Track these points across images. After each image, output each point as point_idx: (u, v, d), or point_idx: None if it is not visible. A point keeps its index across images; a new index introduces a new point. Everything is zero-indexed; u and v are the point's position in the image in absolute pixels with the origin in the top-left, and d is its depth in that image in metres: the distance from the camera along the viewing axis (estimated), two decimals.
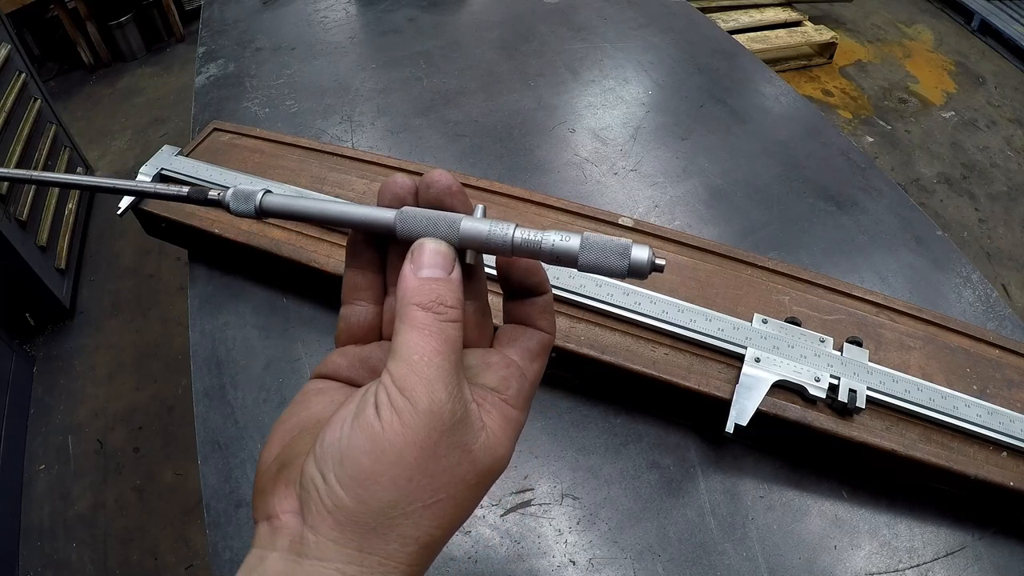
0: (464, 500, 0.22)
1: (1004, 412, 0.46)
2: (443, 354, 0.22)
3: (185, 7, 2.92)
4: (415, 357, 0.22)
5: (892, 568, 0.46)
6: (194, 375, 0.59)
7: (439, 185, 0.25)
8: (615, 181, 0.76)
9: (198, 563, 1.35)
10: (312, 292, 0.64)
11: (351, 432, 0.21)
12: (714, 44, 0.99)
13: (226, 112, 0.90)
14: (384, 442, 0.21)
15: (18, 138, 1.64)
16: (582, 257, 0.24)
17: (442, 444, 0.21)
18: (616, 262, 0.24)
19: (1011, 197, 2.07)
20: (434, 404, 0.21)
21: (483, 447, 0.23)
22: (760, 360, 0.48)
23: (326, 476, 0.21)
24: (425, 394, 0.21)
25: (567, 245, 0.24)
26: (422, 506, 0.21)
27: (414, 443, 0.21)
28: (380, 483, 0.21)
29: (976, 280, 0.64)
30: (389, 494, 0.21)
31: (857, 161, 0.78)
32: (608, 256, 0.24)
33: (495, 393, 0.25)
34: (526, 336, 0.27)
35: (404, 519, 0.21)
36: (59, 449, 1.55)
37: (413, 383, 0.21)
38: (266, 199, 0.27)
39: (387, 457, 0.21)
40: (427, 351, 0.22)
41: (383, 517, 0.21)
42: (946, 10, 2.93)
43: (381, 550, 0.21)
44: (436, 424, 0.21)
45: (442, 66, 0.96)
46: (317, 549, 0.21)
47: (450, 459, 0.22)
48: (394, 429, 0.21)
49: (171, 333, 1.76)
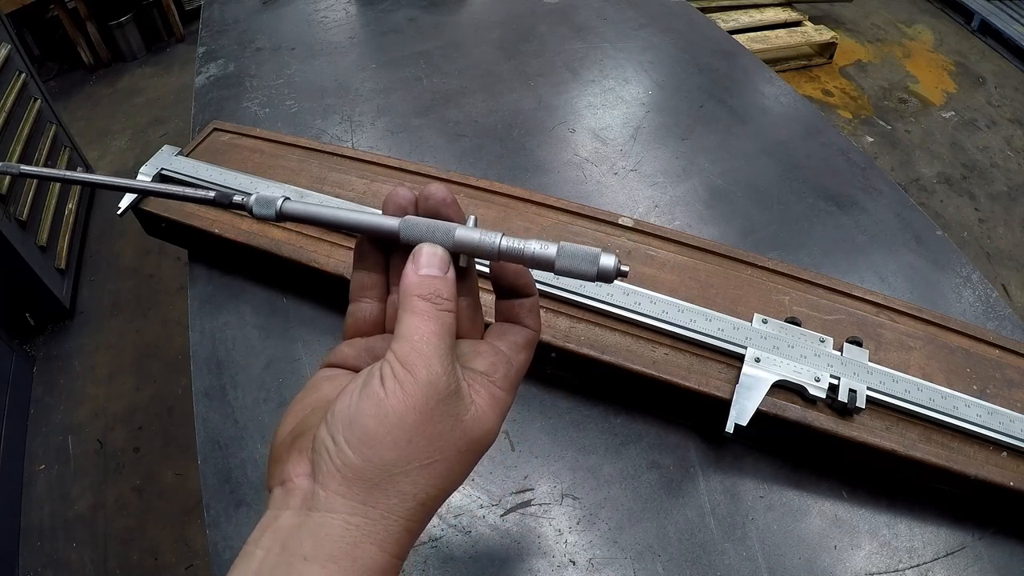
0: (456, 464, 0.26)
1: (1004, 412, 0.46)
2: (439, 335, 0.26)
3: (185, 7, 2.92)
4: (416, 337, 0.25)
5: (892, 568, 0.46)
6: (194, 375, 0.59)
7: (436, 197, 0.29)
8: (615, 181, 0.76)
9: (198, 563, 1.35)
10: (312, 292, 0.64)
11: (359, 400, 0.25)
12: (714, 44, 0.99)
13: (226, 112, 0.90)
14: (387, 407, 0.24)
15: (18, 138, 1.64)
16: (558, 263, 0.28)
17: (437, 411, 0.25)
18: (587, 267, 0.28)
19: (1011, 197, 2.07)
20: (431, 376, 0.25)
21: (472, 418, 0.26)
22: (760, 360, 0.48)
23: (336, 439, 0.24)
24: (424, 367, 0.25)
25: (545, 252, 0.28)
26: (419, 466, 0.24)
27: (414, 408, 0.24)
28: (383, 443, 0.24)
29: (976, 280, 0.64)
30: (391, 453, 0.24)
31: (857, 161, 0.78)
32: (580, 262, 0.28)
33: (484, 376, 0.28)
34: (514, 331, 0.31)
35: (403, 476, 0.24)
36: (59, 449, 1.55)
37: (414, 359, 0.25)
38: (286, 205, 0.31)
39: (390, 420, 0.24)
40: (426, 333, 0.25)
41: (385, 474, 0.24)
42: (946, 10, 2.93)
43: (383, 504, 0.24)
44: (433, 393, 0.24)
45: (442, 66, 0.96)
46: (326, 503, 0.24)
47: (444, 425, 0.25)
48: (396, 396, 0.24)
49: (171, 333, 1.76)
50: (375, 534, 0.24)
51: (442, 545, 0.48)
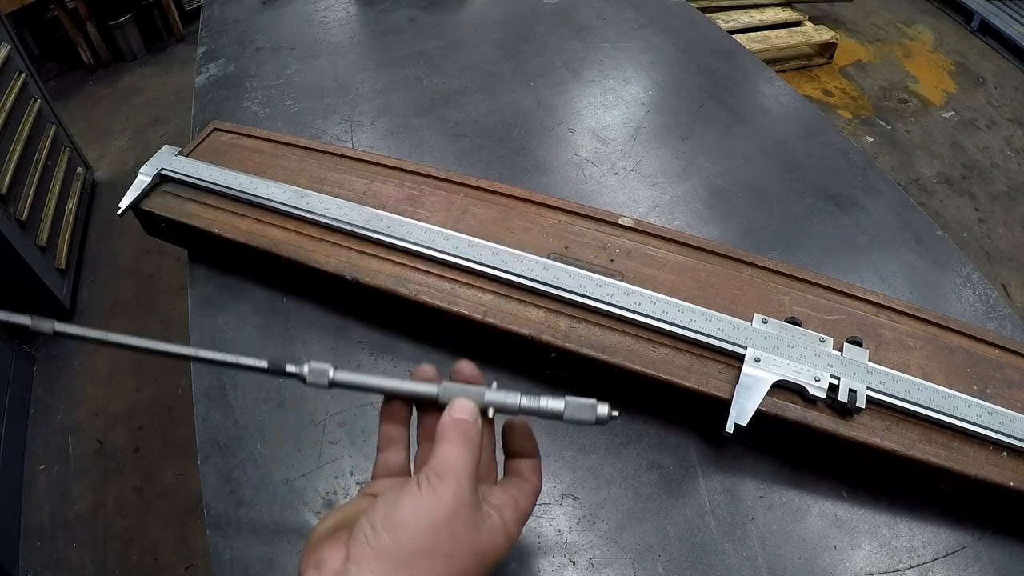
0: (470, 565, 0.30)
1: (1004, 412, 0.46)
2: (467, 460, 0.32)
3: (185, 7, 2.92)
4: (449, 458, 0.31)
5: (892, 568, 0.46)
6: (194, 375, 0.59)
7: (465, 373, 0.37)
8: (615, 181, 0.76)
9: (198, 563, 1.35)
10: (312, 292, 0.64)
11: (397, 497, 0.30)
12: (714, 44, 0.99)
13: (226, 112, 0.90)
14: (421, 503, 0.30)
15: (18, 138, 1.64)
16: (566, 413, 0.36)
17: (460, 514, 0.30)
18: (588, 414, 0.36)
19: (1011, 197, 2.07)
20: (459, 486, 0.31)
21: (488, 529, 0.32)
22: (760, 360, 0.48)
23: (374, 525, 0.29)
24: (454, 478, 0.31)
25: (555, 406, 0.36)
26: (441, 555, 0.29)
27: (442, 506, 0.30)
28: (413, 530, 0.29)
29: (976, 280, 0.64)
30: (419, 540, 0.29)
31: (857, 161, 0.78)
32: (583, 411, 0.36)
33: (497, 508, 0.34)
34: (521, 483, 0.37)
35: (425, 562, 0.29)
36: (59, 449, 1.55)
37: (446, 471, 0.31)
38: (337, 375, 0.36)
39: (421, 513, 0.29)
40: (457, 455, 0.32)
41: (412, 556, 0.28)
42: (946, 10, 2.93)
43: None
44: (459, 499, 0.30)
45: (442, 66, 0.96)
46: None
47: (464, 526, 0.30)
48: (429, 495, 0.30)
49: (171, 333, 1.76)
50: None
51: None
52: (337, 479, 0.51)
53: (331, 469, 0.52)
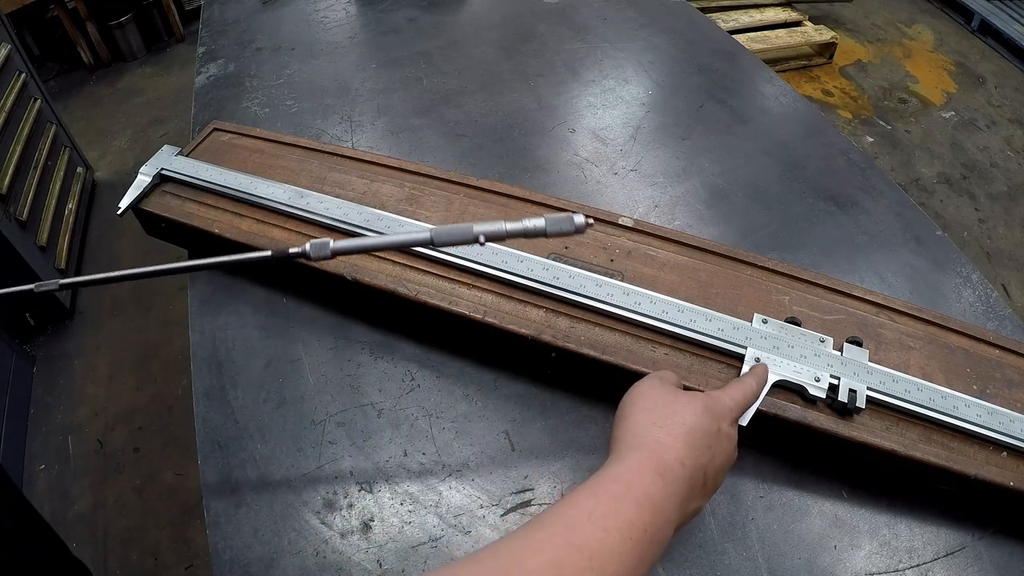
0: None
1: (1004, 412, 0.46)
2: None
3: (185, 7, 2.92)
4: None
5: (892, 568, 0.46)
6: (194, 375, 0.59)
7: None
8: (615, 181, 0.76)
9: (198, 563, 1.35)
10: (312, 292, 0.64)
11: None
12: (714, 44, 0.99)
13: (226, 112, 0.90)
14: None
15: (18, 138, 1.64)
16: (548, 228, 0.38)
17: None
18: (567, 225, 0.38)
19: (1011, 197, 2.07)
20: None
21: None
22: (760, 360, 0.48)
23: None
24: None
25: (537, 224, 0.38)
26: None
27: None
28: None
29: (976, 280, 0.64)
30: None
31: (857, 161, 0.78)
32: (562, 224, 0.38)
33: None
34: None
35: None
36: (59, 449, 1.55)
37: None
38: (336, 244, 0.38)
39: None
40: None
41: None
42: (946, 10, 2.93)
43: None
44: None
45: (442, 66, 0.96)
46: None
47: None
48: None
49: (171, 333, 1.76)
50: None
51: (442, 545, 0.48)
52: (337, 479, 0.51)
53: (331, 469, 0.52)
